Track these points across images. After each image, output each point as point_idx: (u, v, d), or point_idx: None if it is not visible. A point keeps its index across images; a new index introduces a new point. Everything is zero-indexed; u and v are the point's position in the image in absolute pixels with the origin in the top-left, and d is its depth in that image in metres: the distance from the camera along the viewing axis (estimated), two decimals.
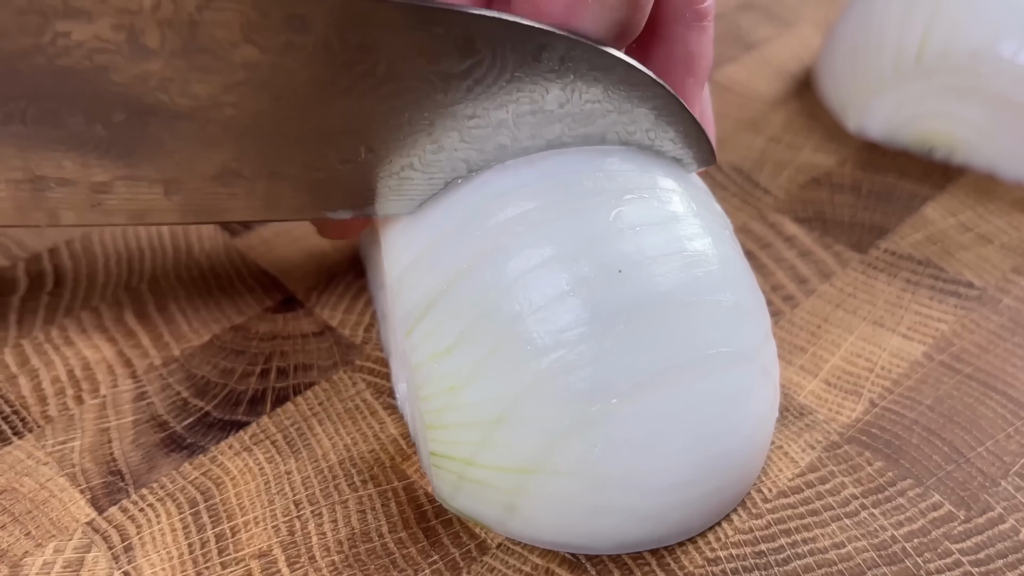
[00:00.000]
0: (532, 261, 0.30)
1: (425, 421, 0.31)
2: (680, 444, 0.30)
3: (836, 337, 0.39)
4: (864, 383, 0.37)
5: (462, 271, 0.30)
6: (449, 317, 0.30)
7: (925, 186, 0.46)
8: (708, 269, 0.31)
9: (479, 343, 0.30)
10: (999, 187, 0.46)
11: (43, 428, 0.35)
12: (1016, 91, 0.44)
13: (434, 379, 0.30)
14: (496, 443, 0.30)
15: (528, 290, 0.30)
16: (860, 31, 0.49)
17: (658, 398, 0.29)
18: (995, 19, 0.44)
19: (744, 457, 0.32)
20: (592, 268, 0.30)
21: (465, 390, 0.30)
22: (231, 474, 0.33)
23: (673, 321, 0.30)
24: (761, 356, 0.32)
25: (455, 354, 0.30)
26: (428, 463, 0.32)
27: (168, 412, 0.35)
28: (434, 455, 0.31)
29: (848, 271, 0.42)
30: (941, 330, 0.39)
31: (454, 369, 0.30)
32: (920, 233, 0.44)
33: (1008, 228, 0.44)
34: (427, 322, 0.31)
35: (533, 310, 0.29)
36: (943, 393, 0.37)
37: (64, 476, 0.33)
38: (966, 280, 0.41)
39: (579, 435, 0.29)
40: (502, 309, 0.30)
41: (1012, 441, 0.35)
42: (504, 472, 0.30)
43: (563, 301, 0.29)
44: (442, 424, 0.30)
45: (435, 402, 0.30)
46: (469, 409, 0.30)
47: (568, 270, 0.30)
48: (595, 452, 0.29)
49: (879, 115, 0.48)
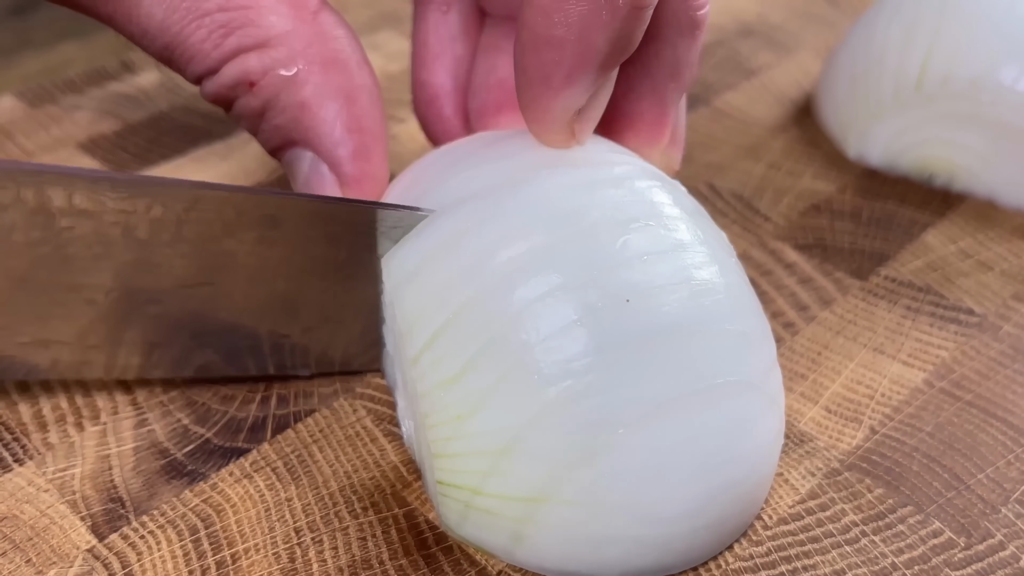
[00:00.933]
0: (539, 290, 0.30)
1: (432, 450, 0.31)
2: (687, 473, 0.30)
3: (836, 364, 0.39)
4: (864, 410, 0.37)
5: (470, 299, 0.31)
6: (456, 345, 0.31)
7: (925, 213, 0.47)
8: (715, 298, 0.31)
9: (486, 372, 0.30)
10: (999, 214, 0.47)
11: (44, 455, 0.35)
12: (1016, 118, 0.45)
13: (441, 408, 0.31)
14: (503, 472, 0.30)
15: (535, 319, 0.30)
16: (860, 58, 0.50)
17: (665, 428, 0.29)
18: (995, 46, 0.45)
19: (750, 486, 0.32)
20: (600, 297, 0.30)
21: (472, 419, 0.30)
22: (232, 501, 0.34)
23: (680, 350, 0.30)
24: (768, 383, 0.32)
25: (462, 383, 0.30)
26: (434, 492, 0.32)
27: (169, 439, 0.36)
28: (440, 484, 0.31)
29: (848, 298, 0.42)
30: (942, 357, 0.40)
31: (461, 398, 0.30)
32: (920, 260, 0.44)
33: (1008, 255, 0.44)
34: (434, 350, 0.31)
35: (541, 339, 0.30)
36: (943, 420, 0.37)
37: (65, 503, 0.34)
38: (966, 307, 0.42)
39: (586, 464, 0.29)
40: (509, 338, 0.30)
41: (1012, 468, 0.35)
42: (511, 501, 0.30)
43: (571, 330, 0.30)
44: (449, 453, 0.31)
45: (442, 431, 0.31)
46: (476, 438, 0.30)
47: (576, 299, 0.30)
48: (602, 481, 0.29)
49: (879, 142, 0.49)
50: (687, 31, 0.36)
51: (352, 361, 0.38)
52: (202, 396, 0.37)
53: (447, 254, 0.32)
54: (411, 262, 0.33)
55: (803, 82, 0.57)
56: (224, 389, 0.37)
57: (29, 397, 0.37)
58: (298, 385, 0.38)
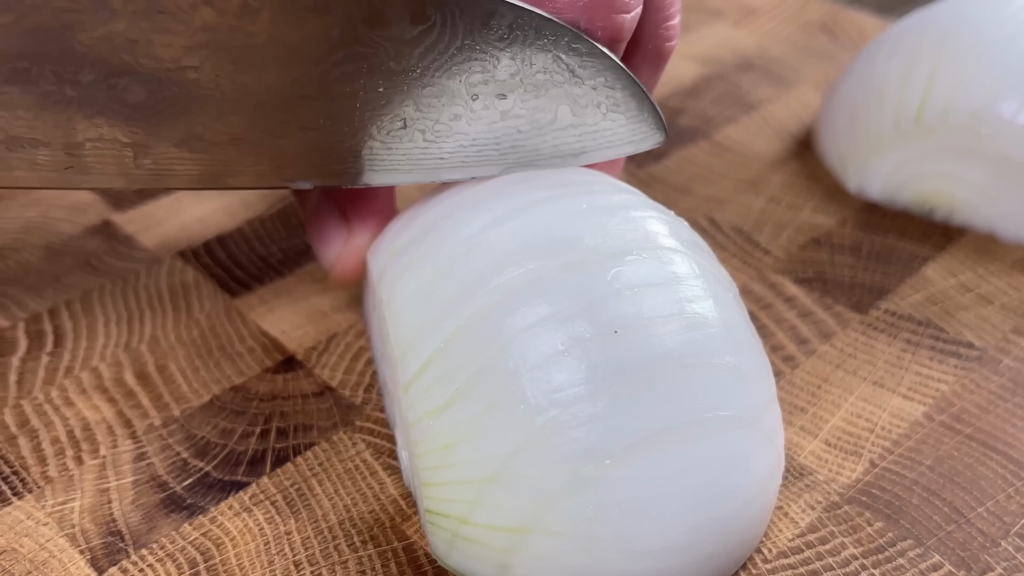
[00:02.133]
0: (529, 319, 0.31)
1: (421, 478, 0.32)
2: (675, 508, 0.30)
3: (836, 398, 0.40)
4: (864, 443, 0.38)
5: (460, 328, 0.31)
6: (446, 374, 0.31)
7: (925, 247, 0.47)
8: (708, 331, 0.31)
9: (474, 401, 0.31)
10: (999, 248, 0.47)
11: (43, 488, 0.35)
12: (1016, 151, 0.45)
13: (430, 436, 0.31)
14: (490, 502, 0.30)
15: (524, 348, 0.30)
16: (860, 91, 0.50)
17: (652, 460, 0.30)
18: (995, 79, 0.45)
19: (743, 523, 0.32)
20: (588, 328, 0.30)
21: (460, 448, 0.31)
22: (231, 534, 0.34)
23: (669, 383, 0.30)
24: (762, 421, 0.32)
25: (450, 411, 0.31)
26: (424, 520, 0.33)
27: (168, 472, 0.36)
28: (429, 512, 0.32)
29: (848, 332, 0.43)
30: (941, 390, 0.40)
31: (449, 426, 0.31)
32: (920, 293, 0.45)
33: (1008, 289, 0.45)
34: (424, 379, 0.32)
35: (528, 369, 0.30)
36: (943, 453, 0.37)
37: (64, 536, 0.34)
38: (966, 340, 0.42)
39: (572, 495, 0.30)
40: (497, 367, 0.30)
41: (1012, 501, 0.36)
42: (497, 531, 0.31)
43: (558, 361, 0.30)
44: (437, 482, 0.31)
45: (430, 459, 0.31)
46: (463, 467, 0.31)
47: (564, 330, 0.30)
48: (588, 513, 0.30)
49: (879, 175, 0.49)
50: (652, 61, 0.38)
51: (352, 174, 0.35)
52: (201, 429, 0.38)
53: (441, 280, 0.33)
54: (407, 289, 0.34)
55: (803, 116, 0.57)
56: (223, 422, 0.38)
57: (28, 431, 0.37)
58: (297, 418, 0.38)
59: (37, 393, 0.39)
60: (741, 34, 0.66)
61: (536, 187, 0.35)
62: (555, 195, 0.34)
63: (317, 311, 0.43)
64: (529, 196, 0.34)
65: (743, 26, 0.67)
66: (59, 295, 0.43)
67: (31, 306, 0.43)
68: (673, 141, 0.55)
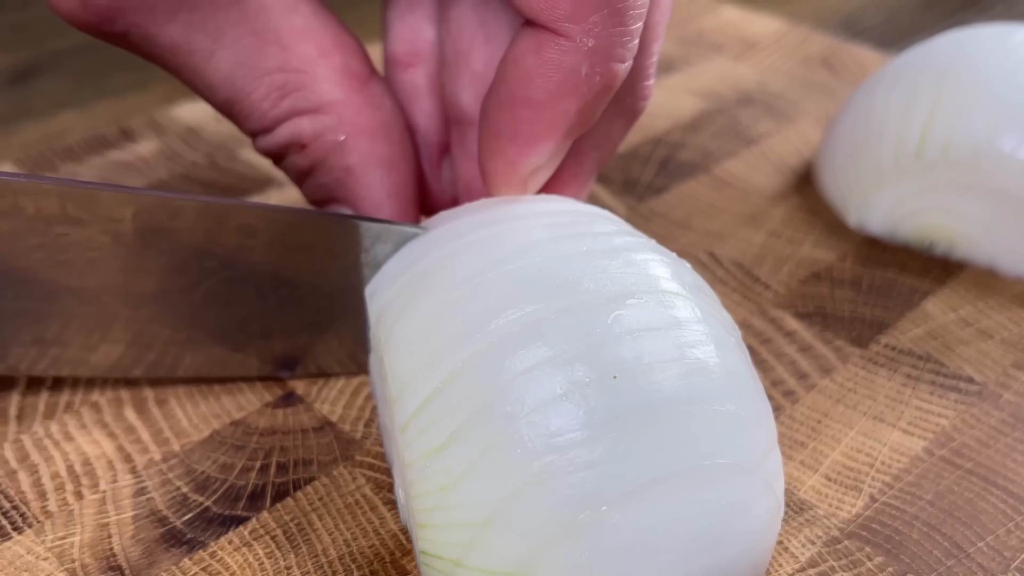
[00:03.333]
0: (527, 362, 0.31)
1: (416, 519, 0.32)
2: (672, 555, 0.30)
3: (836, 432, 0.40)
4: (864, 478, 0.38)
5: (458, 369, 0.31)
6: (443, 415, 0.31)
7: (925, 281, 0.48)
8: (708, 377, 0.31)
9: (471, 443, 0.31)
10: (999, 282, 0.48)
11: (43, 523, 0.36)
12: (1016, 186, 0.46)
13: (426, 477, 0.31)
14: (484, 546, 0.30)
15: (521, 392, 0.30)
16: (860, 125, 0.51)
17: (649, 508, 0.30)
18: (995, 114, 0.46)
19: (741, 569, 0.32)
20: (587, 372, 0.30)
21: (456, 490, 0.31)
22: (231, 569, 0.35)
23: (667, 430, 0.30)
24: (762, 468, 0.32)
25: (447, 453, 0.31)
26: (420, 561, 0.33)
27: (168, 507, 0.37)
28: (424, 554, 0.32)
29: (848, 366, 0.43)
30: (942, 425, 0.40)
31: (445, 468, 0.31)
32: (920, 328, 0.45)
33: (1008, 323, 0.45)
34: (421, 419, 0.32)
35: (525, 413, 0.30)
36: (943, 488, 0.38)
37: (64, 572, 0.34)
38: (966, 375, 0.43)
39: (567, 542, 0.29)
40: (495, 410, 0.30)
41: (1012, 536, 0.36)
42: (492, 575, 0.31)
43: (556, 405, 0.30)
44: (432, 524, 0.31)
45: (426, 501, 0.31)
46: (459, 509, 0.31)
47: (562, 374, 0.30)
48: (583, 560, 0.29)
49: (879, 210, 0.50)
50: (626, 116, 0.40)
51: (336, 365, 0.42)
52: (201, 464, 0.38)
53: (439, 321, 0.33)
54: (405, 329, 0.34)
55: (803, 150, 0.58)
56: (223, 457, 0.38)
57: (28, 465, 0.38)
58: (297, 452, 0.39)
59: (37, 428, 0.39)
60: (741, 68, 0.67)
61: (535, 226, 0.35)
62: (555, 236, 0.34)
63: None
64: (528, 237, 0.35)
65: (743, 60, 0.68)
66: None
67: None
68: (673, 175, 0.56)
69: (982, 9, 0.77)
